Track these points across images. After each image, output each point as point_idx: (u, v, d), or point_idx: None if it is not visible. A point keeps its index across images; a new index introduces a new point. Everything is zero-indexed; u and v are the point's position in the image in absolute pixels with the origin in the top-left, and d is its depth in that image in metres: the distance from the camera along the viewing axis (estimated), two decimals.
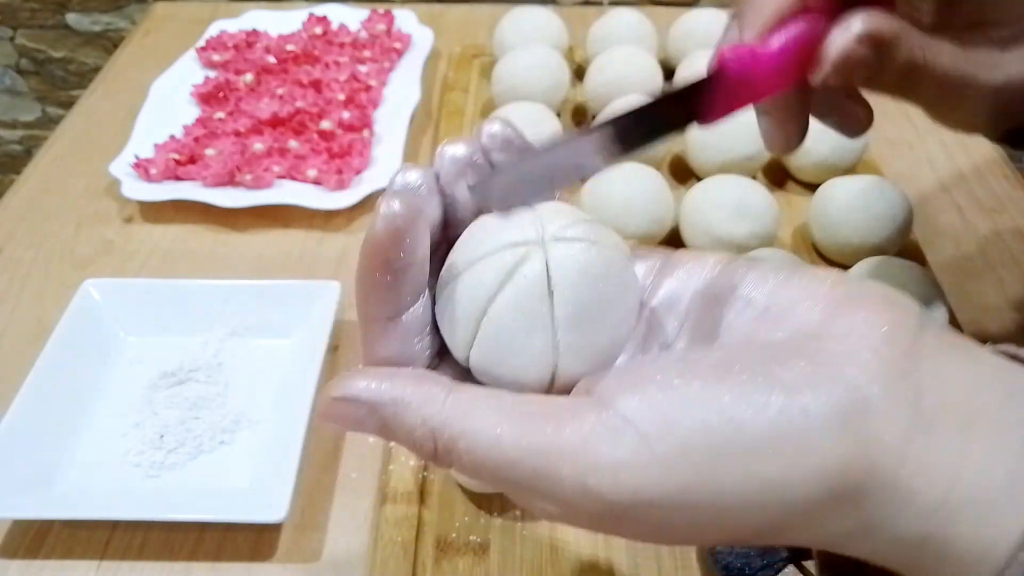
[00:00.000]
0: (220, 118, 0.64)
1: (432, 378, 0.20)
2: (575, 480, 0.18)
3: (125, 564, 0.39)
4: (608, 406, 0.18)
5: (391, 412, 0.20)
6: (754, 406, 0.17)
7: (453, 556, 0.38)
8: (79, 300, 0.47)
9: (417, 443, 0.20)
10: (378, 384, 0.20)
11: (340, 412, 0.20)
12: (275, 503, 0.38)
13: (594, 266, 0.21)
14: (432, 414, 0.19)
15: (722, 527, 0.18)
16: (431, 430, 0.19)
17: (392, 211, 0.19)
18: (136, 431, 0.44)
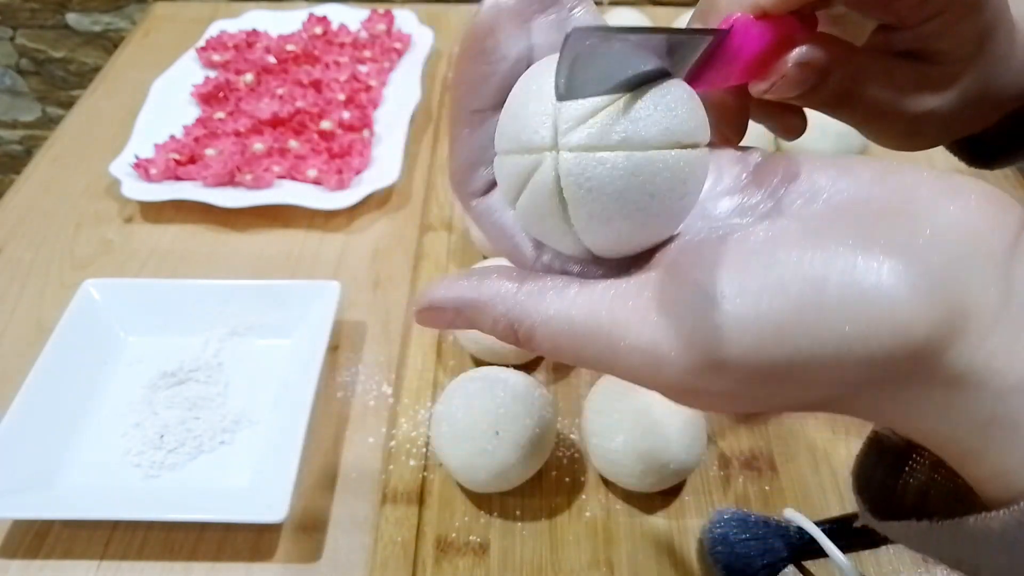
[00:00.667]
0: (220, 118, 0.64)
1: (504, 273, 0.21)
2: (642, 353, 0.18)
3: (125, 564, 0.39)
4: (680, 276, 0.18)
5: (473, 313, 0.21)
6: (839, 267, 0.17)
7: (453, 556, 0.38)
8: (79, 300, 0.47)
9: (500, 334, 0.21)
10: (457, 289, 0.22)
11: (431, 317, 0.22)
12: (275, 503, 0.38)
13: (612, 180, 0.20)
14: (507, 309, 0.20)
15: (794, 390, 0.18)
16: (510, 323, 0.20)
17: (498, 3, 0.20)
18: (136, 431, 0.44)
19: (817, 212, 0.19)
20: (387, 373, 0.48)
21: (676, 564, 0.38)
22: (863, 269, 0.17)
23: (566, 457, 0.42)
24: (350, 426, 0.45)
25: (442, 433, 0.39)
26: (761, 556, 0.36)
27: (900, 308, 0.17)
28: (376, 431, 0.45)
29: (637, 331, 0.18)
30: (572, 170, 0.20)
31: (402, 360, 0.48)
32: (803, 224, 0.18)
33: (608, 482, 0.41)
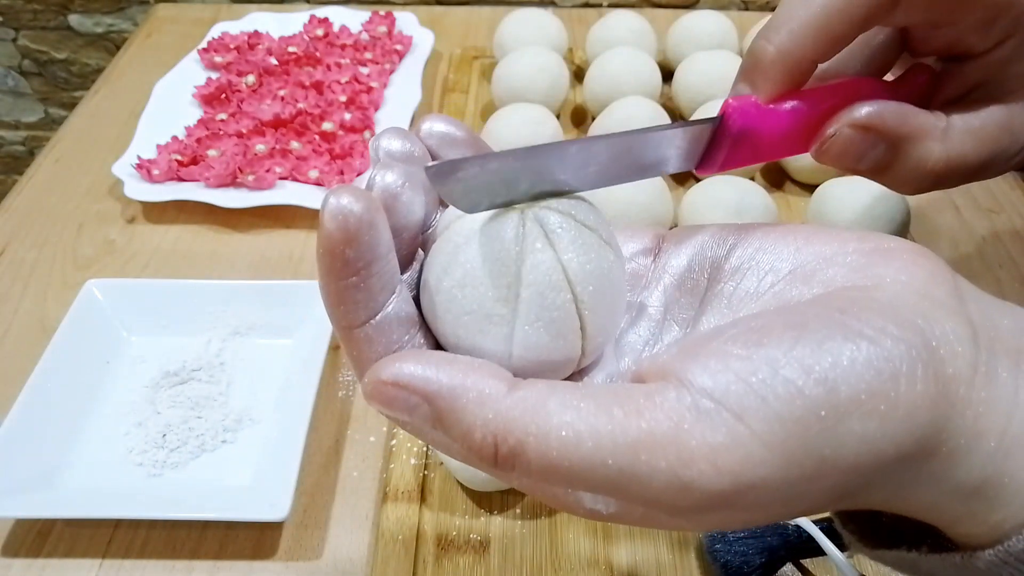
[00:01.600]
0: (222, 119, 0.65)
1: (490, 369, 0.18)
2: (668, 476, 0.16)
3: (127, 563, 0.40)
4: (688, 386, 0.17)
5: (446, 406, 0.17)
6: (840, 362, 0.16)
7: (454, 554, 0.38)
8: (82, 300, 0.48)
9: (475, 446, 0.17)
10: (434, 371, 0.18)
11: (389, 397, 0.18)
12: (277, 502, 0.38)
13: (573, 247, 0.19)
14: (494, 414, 0.17)
15: (813, 498, 0.17)
16: (492, 433, 0.17)
17: (341, 207, 0.18)
18: (138, 430, 0.44)
19: (772, 294, 0.20)
20: None
21: (675, 562, 0.38)
22: (862, 364, 0.16)
23: None
24: (351, 425, 0.46)
25: None
26: (759, 554, 0.36)
27: (905, 397, 0.16)
28: (377, 430, 0.45)
29: (662, 456, 0.16)
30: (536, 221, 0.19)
31: None
32: (775, 317, 0.18)
33: None
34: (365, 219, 0.18)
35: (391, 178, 0.20)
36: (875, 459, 0.16)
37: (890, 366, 0.16)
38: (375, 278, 0.19)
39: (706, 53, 0.65)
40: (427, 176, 0.18)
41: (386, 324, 0.19)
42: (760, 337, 0.17)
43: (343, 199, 0.18)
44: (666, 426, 0.16)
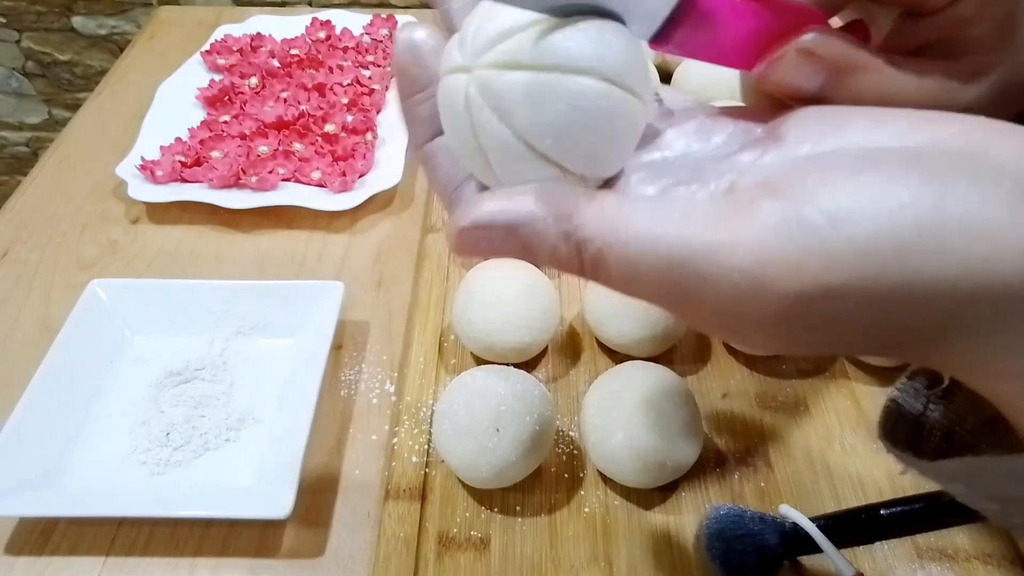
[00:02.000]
0: (225, 121, 0.65)
1: (567, 189, 0.18)
2: (745, 274, 0.16)
3: (131, 560, 0.40)
4: (786, 196, 0.16)
5: (530, 231, 0.18)
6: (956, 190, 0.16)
7: (455, 551, 0.39)
8: (85, 300, 0.48)
9: (562, 260, 0.18)
10: (511, 203, 0.18)
11: (474, 239, 0.18)
12: (279, 500, 0.38)
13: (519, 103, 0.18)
14: (577, 226, 0.18)
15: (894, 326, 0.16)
16: (576, 244, 0.18)
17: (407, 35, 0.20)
18: (142, 429, 0.44)
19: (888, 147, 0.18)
20: (390, 372, 0.49)
21: (673, 559, 0.39)
22: (981, 197, 0.16)
23: (565, 454, 0.43)
24: (353, 424, 0.46)
25: (444, 430, 0.39)
26: (757, 552, 0.36)
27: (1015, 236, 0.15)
28: (379, 429, 0.46)
29: (743, 252, 0.16)
30: (479, 90, 0.19)
31: (404, 359, 0.49)
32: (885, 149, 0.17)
33: (607, 478, 0.41)
34: (428, 42, 0.20)
35: (420, 33, 0.21)
36: (974, 287, 0.15)
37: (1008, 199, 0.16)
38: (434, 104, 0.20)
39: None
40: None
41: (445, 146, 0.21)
42: (873, 159, 0.17)
43: (412, 29, 0.21)
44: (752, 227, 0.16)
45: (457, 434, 0.39)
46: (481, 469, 0.38)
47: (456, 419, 0.39)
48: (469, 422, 0.38)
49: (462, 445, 0.38)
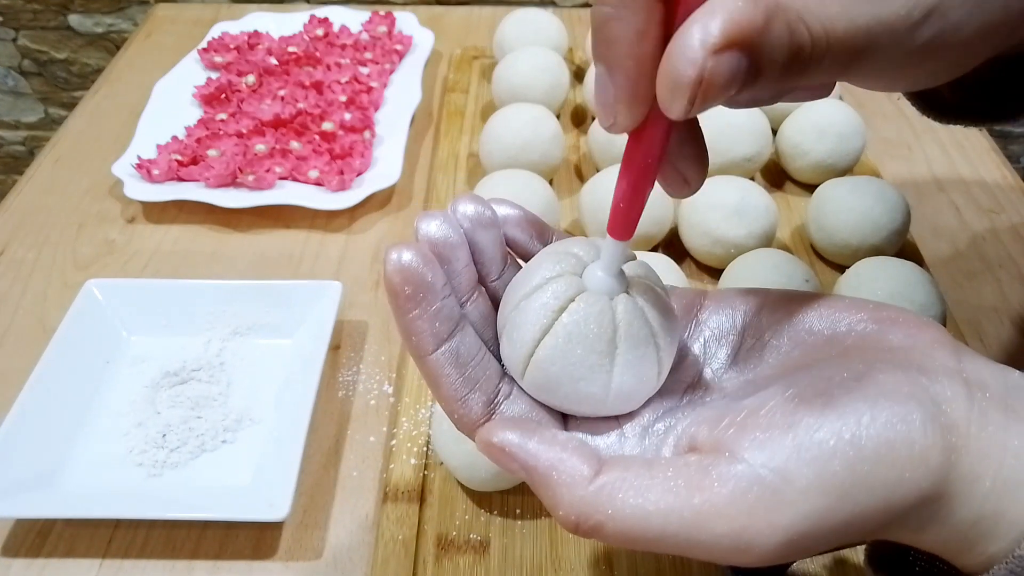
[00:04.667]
0: (222, 119, 0.65)
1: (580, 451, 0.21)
2: (731, 539, 0.19)
3: (127, 563, 0.40)
4: (740, 459, 0.20)
5: (541, 481, 0.21)
6: (863, 423, 0.20)
7: (454, 554, 0.38)
8: (82, 300, 0.48)
9: (560, 518, 0.21)
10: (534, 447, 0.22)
11: (495, 455, 0.22)
12: (277, 502, 0.38)
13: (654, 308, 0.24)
14: (577, 499, 0.21)
15: (851, 535, 0.20)
16: (576, 513, 0.21)
17: (397, 256, 0.22)
18: (138, 430, 0.44)
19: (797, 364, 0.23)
20: (388, 372, 0.48)
21: (674, 561, 0.38)
22: (882, 423, 0.20)
23: None
24: (351, 425, 0.46)
25: (443, 432, 0.39)
26: None
27: (919, 446, 0.20)
28: (377, 430, 0.45)
29: (724, 522, 0.19)
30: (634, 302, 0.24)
31: (403, 360, 0.48)
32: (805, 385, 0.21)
33: None
34: (416, 262, 0.22)
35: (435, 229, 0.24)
36: (899, 501, 0.20)
37: (905, 423, 0.20)
38: (435, 311, 0.22)
39: None
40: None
41: (454, 351, 0.23)
42: (796, 408, 0.20)
43: (400, 251, 0.22)
44: (724, 496, 0.20)
45: (456, 436, 0.38)
46: (480, 471, 0.38)
47: None
48: None
49: (461, 447, 0.38)
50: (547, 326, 0.23)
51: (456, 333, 0.23)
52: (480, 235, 0.25)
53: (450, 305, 0.23)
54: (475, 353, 0.24)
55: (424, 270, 0.22)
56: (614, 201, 0.23)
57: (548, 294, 0.24)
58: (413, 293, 0.22)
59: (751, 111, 0.57)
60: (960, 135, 0.67)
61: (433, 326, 0.22)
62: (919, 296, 0.44)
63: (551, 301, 0.23)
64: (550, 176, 0.59)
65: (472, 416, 0.23)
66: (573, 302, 0.23)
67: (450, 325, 0.23)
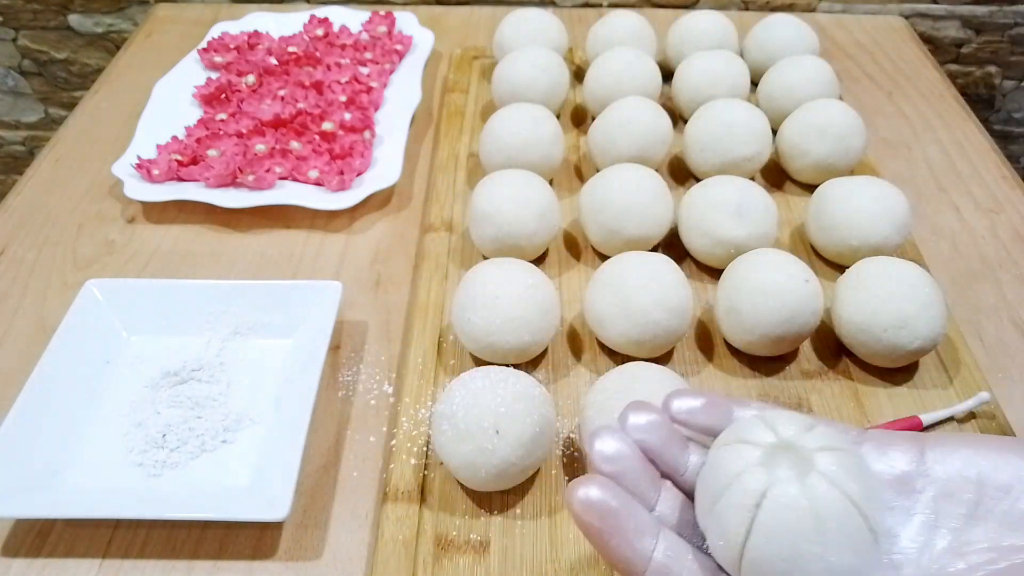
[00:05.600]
0: (222, 119, 0.65)
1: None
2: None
3: (127, 563, 0.40)
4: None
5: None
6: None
7: (453, 554, 0.38)
8: (82, 300, 0.48)
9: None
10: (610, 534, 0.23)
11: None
12: (276, 502, 0.38)
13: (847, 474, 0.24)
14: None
15: None
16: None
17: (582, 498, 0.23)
18: (138, 430, 0.44)
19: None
20: (388, 372, 0.48)
21: None
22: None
23: (565, 455, 0.43)
24: (351, 425, 0.46)
25: (443, 432, 0.39)
26: None
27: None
28: (377, 430, 0.45)
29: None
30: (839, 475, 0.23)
31: (403, 360, 0.48)
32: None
33: None
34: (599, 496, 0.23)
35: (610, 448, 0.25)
36: None
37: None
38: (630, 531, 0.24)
39: (706, 53, 0.65)
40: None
41: (663, 564, 0.24)
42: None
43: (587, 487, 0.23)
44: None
45: (456, 436, 0.38)
46: (480, 471, 0.38)
47: (455, 420, 0.38)
48: (468, 424, 0.38)
49: (461, 447, 0.38)
50: (748, 527, 0.23)
51: (658, 545, 0.24)
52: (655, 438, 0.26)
53: (644, 521, 0.24)
54: (685, 556, 0.24)
55: (611, 500, 0.23)
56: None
57: (738, 494, 0.24)
58: (604, 529, 0.23)
59: (751, 111, 0.57)
60: (960, 135, 0.67)
61: (633, 547, 0.23)
62: (919, 296, 0.44)
63: (744, 500, 0.23)
64: (550, 176, 0.59)
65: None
66: (765, 499, 0.23)
67: (650, 540, 0.24)
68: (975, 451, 0.25)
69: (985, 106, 0.97)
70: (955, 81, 0.83)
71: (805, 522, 0.23)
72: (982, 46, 0.91)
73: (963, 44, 0.91)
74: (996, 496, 0.24)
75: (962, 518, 0.24)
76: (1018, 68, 0.93)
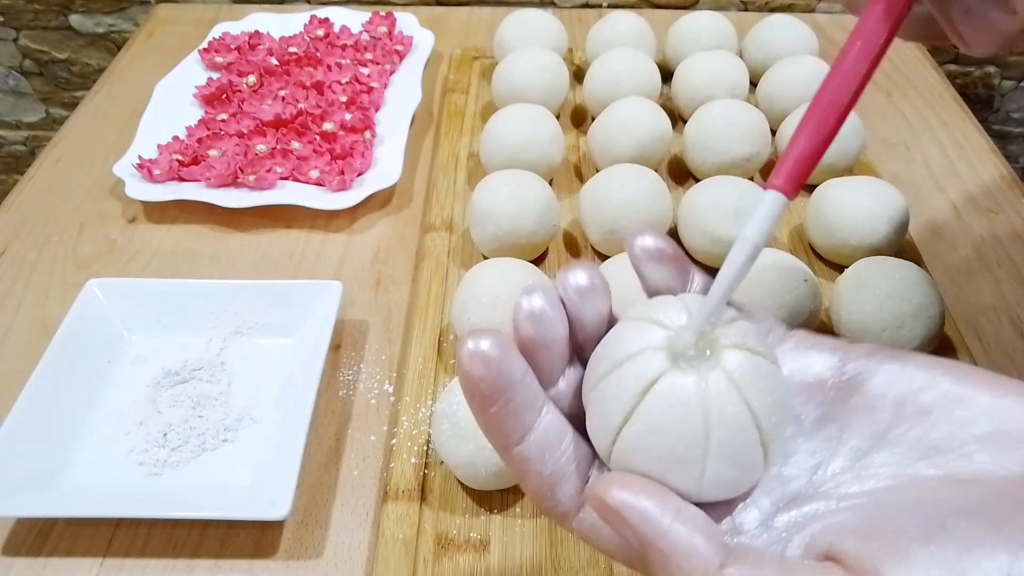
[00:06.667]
0: (223, 119, 0.65)
1: (708, 532, 0.19)
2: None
3: (128, 561, 0.40)
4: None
5: (657, 557, 0.19)
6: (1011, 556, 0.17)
7: (454, 553, 0.39)
8: (83, 300, 0.48)
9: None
10: (654, 515, 0.19)
11: (608, 517, 0.20)
12: (277, 501, 0.38)
13: (754, 382, 0.21)
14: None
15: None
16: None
17: (473, 349, 0.20)
18: (139, 429, 0.44)
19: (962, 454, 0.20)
20: (388, 372, 0.49)
21: None
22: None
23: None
24: (352, 424, 0.46)
25: (443, 431, 0.39)
26: None
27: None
28: (377, 429, 0.45)
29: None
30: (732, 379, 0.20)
31: (403, 359, 0.48)
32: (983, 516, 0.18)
33: None
34: (494, 354, 0.20)
35: (537, 302, 0.22)
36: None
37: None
38: (515, 403, 0.21)
39: (705, 53, 0.65)
40: None
41: (538, 442, 0.21)
42: (966, 546, 0.17)
43: (477, 340, 0.20)
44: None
45: (457, 435, 0.38)
46: (481, 470, 0.38)
47: (456, 420, 0.39)
48: (469, 423, 0.38)
49: (462, 446, 0.38)
50: (628, 412, 0.21)
51: (540, 423, 0.21)
52: (587, 309, 0.23)
53: (532, 392, 0.21)
54: (560, 441, 0.22)
55: (504, 364, 0.21)
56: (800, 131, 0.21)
57: (628, 376, 0.21)
58: (490, 391, 0.21)
59: (750, 111, 0.57)
60: (959, 135, 0.67)
61: (513, 420, 0.21)
62: (918, 296, 0.44)
63: (631, 384, 0.21)
64: (550, 176, 0.59)
65: (562, 508, 0.22)
66: (656, 384, 0.21)
67: (533, 416, 0.21)
68: (901, 368, 0.22)
69: (984, 106, 0.97)
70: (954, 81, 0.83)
71: (693, 422, 0.20)
72: None
73: None
74: (912, 420, 0.21)
75: (870, 438, 0.22)
76: (1017, 68, 0.93)
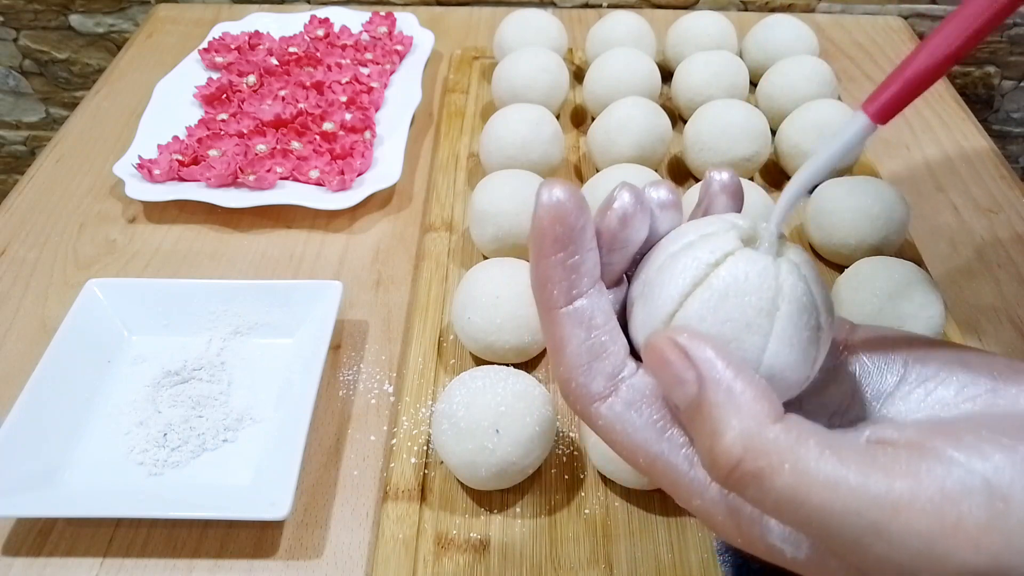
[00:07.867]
0: (223, 119, 0.65)
1: (766, 392, 0.18)
2: (924, 541, 0.16)
3: (128, 561, 0.40)
4: (955, 462, 0.17)
5: (714, 399, 0.18)
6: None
7: (454, 552, 0.39)
8: (83, 299, 0.48)
9: (717, 450, 0.18)
10: (723, 362, 0.18)
11: (668, 358, 0.19)
12: (277, 501, 0.38)
13: (815, 278, 0.21)
14: (752, 433, 0.17)
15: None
16: (744, 447, 0.17)
17: (552, 193, 0.20)
18: (139, 429, 0.44)
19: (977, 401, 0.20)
20: (388, 372, 0.49)
21: (674, 561, 0.38)
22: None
23: (565, 455, 0.43)
24: (352, 424, 0.46)
25: (443, 431, 0.39)
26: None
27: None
28: (377, 429, 0.45)
29: (924, 521, 0.16)
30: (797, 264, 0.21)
31: (403, 359, 0.48)
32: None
33: (607, 480, 0.41)
34: (571, 205, 0.20)
35: (627, 197, 0.22)
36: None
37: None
38: (576, 262, 0.20)
39: (705, 54, 0.65)
40: None
41: (587, 308, 0.21)
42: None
43: (554, 188, 0.20)
44: (931, 493, 0.16)
45: (456, 435, 0.38)
46: (480, 470, 0.38)
47: (455, 420, 0.39)
48: (469, 423, 0.38)
49: (461, 446, 0.38)
50: (699, 279, 0.20)
51: (592, 293, 0.21)
52: (664, 222, 0.23)
53: (593, 261, 0.21)
54: (607, 320, 0.21)
55: (577, 215, 0.20)
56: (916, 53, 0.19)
57: (703, 250, 0.21)
58: (560, 236, 0.20)
59: (750, 111, 0.57)
60: (959, 135, 0.67)
61: (570, 277, 0.20)
62: (918, 296, 0.44)
63: (706, 256, 0.20)
64: (550, 176, 0.59)
65: (591, 388, 0.21)
66: (732, 256, 0.20)
67: (589, 283, 0.21)
68: (898, 341, 0.23)
69: (984, 106, 0.97)
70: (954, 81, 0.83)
71: (766, 290, 0.20)
72: (981, 46, 0.91)
73: None
74: (915, 382, 0.22)
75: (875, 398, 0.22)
76: (1017, 68, 0.93)
